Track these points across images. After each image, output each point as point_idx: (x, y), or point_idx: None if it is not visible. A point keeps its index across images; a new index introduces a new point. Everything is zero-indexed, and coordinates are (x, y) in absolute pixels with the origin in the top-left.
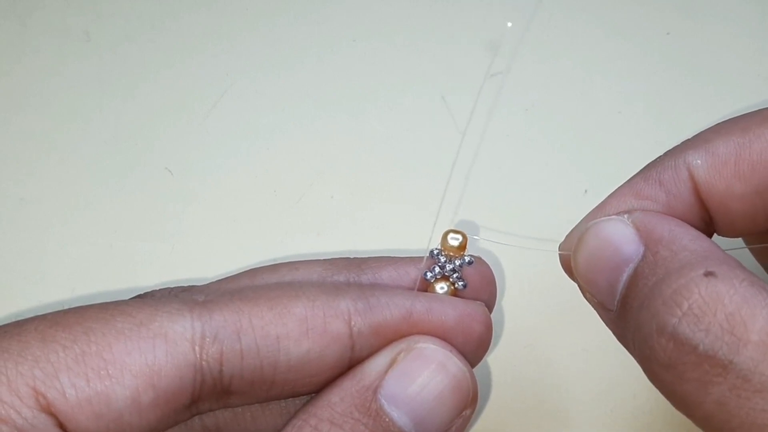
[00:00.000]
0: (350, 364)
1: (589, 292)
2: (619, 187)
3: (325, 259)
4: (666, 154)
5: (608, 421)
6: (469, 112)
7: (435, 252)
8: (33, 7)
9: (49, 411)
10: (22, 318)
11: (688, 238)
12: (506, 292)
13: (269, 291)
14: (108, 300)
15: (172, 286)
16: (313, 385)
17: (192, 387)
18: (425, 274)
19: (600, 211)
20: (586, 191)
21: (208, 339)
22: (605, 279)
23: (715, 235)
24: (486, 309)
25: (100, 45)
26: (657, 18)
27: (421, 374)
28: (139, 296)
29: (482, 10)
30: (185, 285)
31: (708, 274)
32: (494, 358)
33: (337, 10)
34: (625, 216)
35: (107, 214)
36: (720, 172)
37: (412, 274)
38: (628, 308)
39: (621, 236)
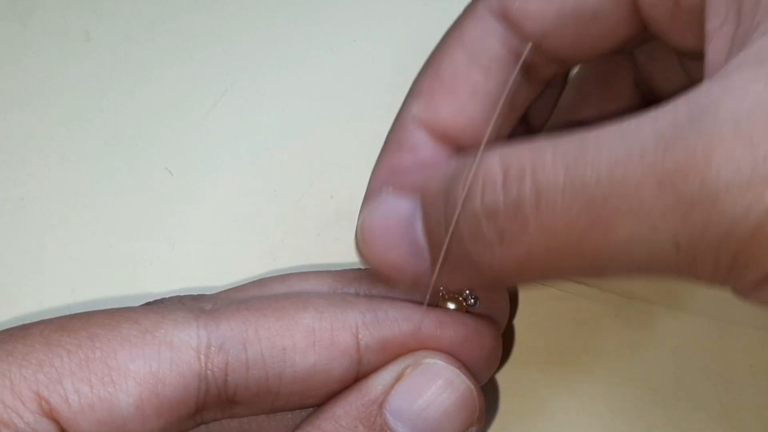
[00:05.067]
0: (357, 377)
1: (400, 273)
2: (373, 170)
3: (336, 271)
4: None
5: (608, 421)
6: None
7: None
8: (33, 7)
9: (52, 416)
10: (26, 320)
11: (442, 169)
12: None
13: (277, 301)
14: (108, 300)
15: (176, 288)
16: (319, 398)
17: (196, 396)
18: (440, 290)
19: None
20: None
21: (213, 348)
22: (402, 245)
23: None
24: (496, 326)
25: (100, 45)
26: None
27: (427, 390)
28: (147, 304)
29: None
30: (194, 292)
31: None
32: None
33: (337, 10)
34: (384, 190)
35: (107, 214)
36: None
37: (425, 290)
38: (435, 244)
39: (388, 207)
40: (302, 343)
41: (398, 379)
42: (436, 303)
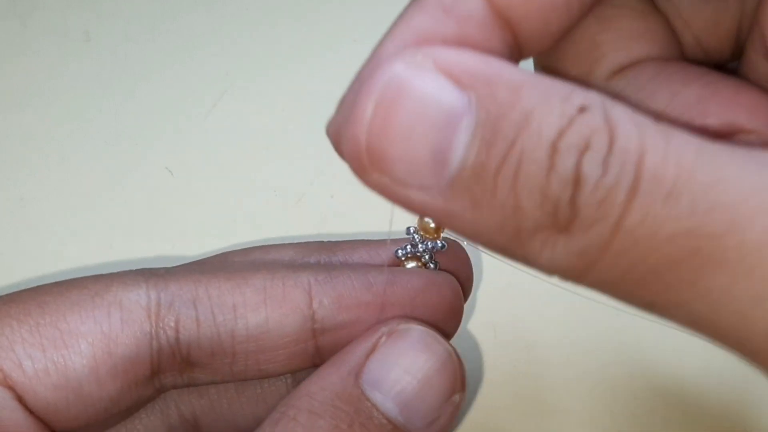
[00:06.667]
0: (314, 335)
1: (392, 170)
2: (392, 27)
3: (298, 243)
4: None
5: (608, 421)
6: None
7: (411, 230)
8: (33, 7)
9: (6, 384)
10: None
11: (514, 71)
12: (511, 291)
13: (231, 266)
14: None
15: None
16: (279, 362)
17: (150, 355)
18: (396, 251)
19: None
20: None
21: (163, 307)
22: (426, 146)
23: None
24: (454, 278)
25: (100, 45)
26: None
27: (404, 357)
28: None
29: None
30: None
31: (581, 109)
32: (490, 357)
33: (337, 10)
34: (419, 57)
35: (107, 214)
36: None
37: (384, 255)
38: (479, 174)
39: (430, 85)
40: (253, 299)
41: (373, 348)
42: (397, 265)
